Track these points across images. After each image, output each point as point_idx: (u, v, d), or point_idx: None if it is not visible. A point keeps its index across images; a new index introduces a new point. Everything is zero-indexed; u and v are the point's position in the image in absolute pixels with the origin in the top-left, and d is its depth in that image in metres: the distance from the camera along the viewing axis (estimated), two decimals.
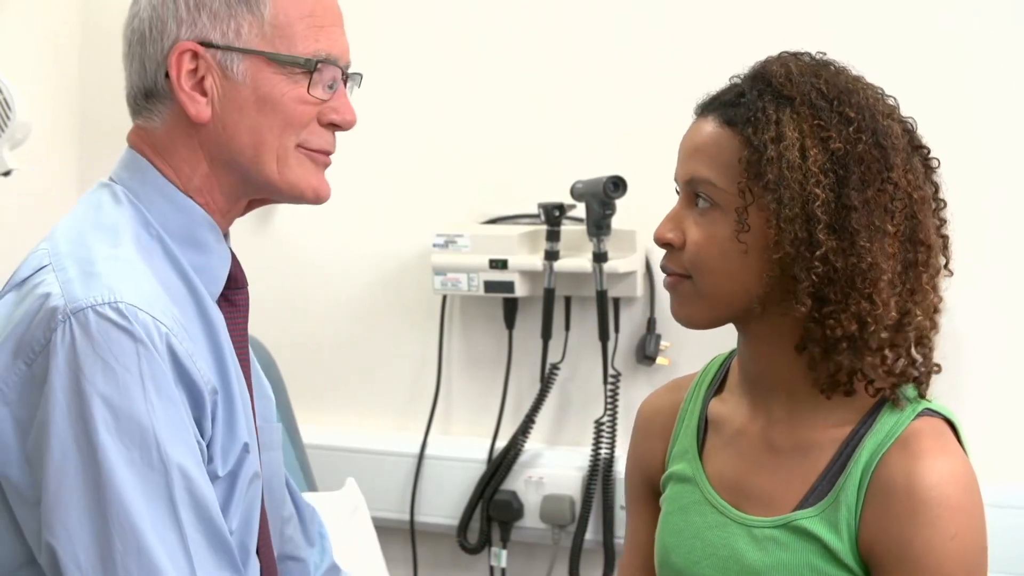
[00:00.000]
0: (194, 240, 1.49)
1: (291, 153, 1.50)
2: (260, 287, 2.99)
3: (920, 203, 1.49)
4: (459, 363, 2.88)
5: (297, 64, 1.48)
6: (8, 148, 2.55)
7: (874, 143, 1.46)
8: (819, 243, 1.43)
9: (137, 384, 1.33)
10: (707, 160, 1.50)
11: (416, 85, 2.87)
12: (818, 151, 1.45)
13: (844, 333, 1.44)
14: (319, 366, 2.98)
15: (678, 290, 1.54)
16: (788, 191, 1.44)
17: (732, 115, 1.49)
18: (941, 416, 1.50)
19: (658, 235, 1.54)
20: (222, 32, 1.46)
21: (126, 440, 1.32)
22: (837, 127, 1.46)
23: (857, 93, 1.49)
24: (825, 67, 1.52)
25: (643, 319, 2.72)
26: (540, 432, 2.78)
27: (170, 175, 1.50)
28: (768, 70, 1.50)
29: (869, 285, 1.44)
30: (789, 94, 1.47)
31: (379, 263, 2.92)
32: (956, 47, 2.46)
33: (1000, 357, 2.44)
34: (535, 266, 2.69)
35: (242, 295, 1.57)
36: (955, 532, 1.42)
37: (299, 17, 1.49)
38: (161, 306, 1.38)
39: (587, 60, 2.72)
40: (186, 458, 1.35)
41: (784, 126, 1.45)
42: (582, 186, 2.58)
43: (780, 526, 1.49)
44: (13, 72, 2.58)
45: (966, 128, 2.42)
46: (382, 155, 2.91)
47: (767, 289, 1.48)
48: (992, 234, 2.43)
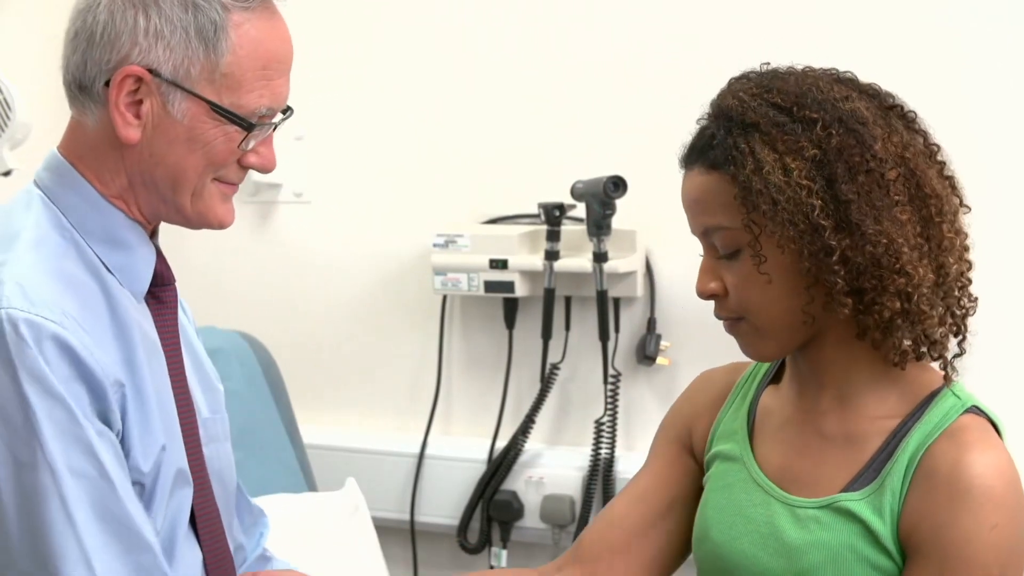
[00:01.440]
0: (114, 240, 1.50)
1: (206, 186, 1.51)
2: (260, 287, 3.02)
3: (914, 159, 1.50)
4: (459, 363, 2.88)
5: (238, 121, 1.48)
6: (8, 148, 2.55)
7: (845, 131, 1.48)
8: (832, 247, 1.45)
9: (13, 388, 1.36)
10: (709, 209, 1.53)
11: (416, 85, 2.87)
12: (798, 163, 1.46)
13: (892, 312, 1.47)
14: (319, 366, 2.99)
15: (739, 331, 1.56)
16: (786, 212, 1.46)
17: (712, 158, 1.52)
18: (986, 416, 1.53)
19: (701, 290, 1.56)
20: (173, 67, 1.45)
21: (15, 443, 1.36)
22: (805, 134, 1.48)
23: (810, 91, 1.50)
24: (773, 78, 1.53)
25: (643, 319, 2.72)
26: (540, 432, 2.78)
27: (92, 179, 1.51)
28: (725, 105, 1.53)
29: (895, 261, 1.46)
30: (751, 120, 1.49)
31: (379, 263, 2.92)
32: (953, 44, 2.46)
33: (1001, 357, 2.45)
34: (535, 266, 2.69)
35: (169, 292, 1.58)
36: (996, 523, 1.44)
37: (251, 70, 1.48)
38: (50, 304, 1.39)
39: (587, 60, 2.72)
40: (74, 455, 1.38)
41: (758, 154, 1.47)
42: (582, 186, 2.58)
43: (824, 507, 1.52)
44: (13, 72, 2.58)
45: (965, 124, 2.42)
46: (382, 155, 2.91)
47: (813, 303, 1.50)
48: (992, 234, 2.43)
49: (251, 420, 2.60)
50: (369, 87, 2.92)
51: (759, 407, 1.64)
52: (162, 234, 1.60)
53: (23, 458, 1.36)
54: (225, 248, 3.00)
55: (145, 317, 1.53)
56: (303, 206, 3.00)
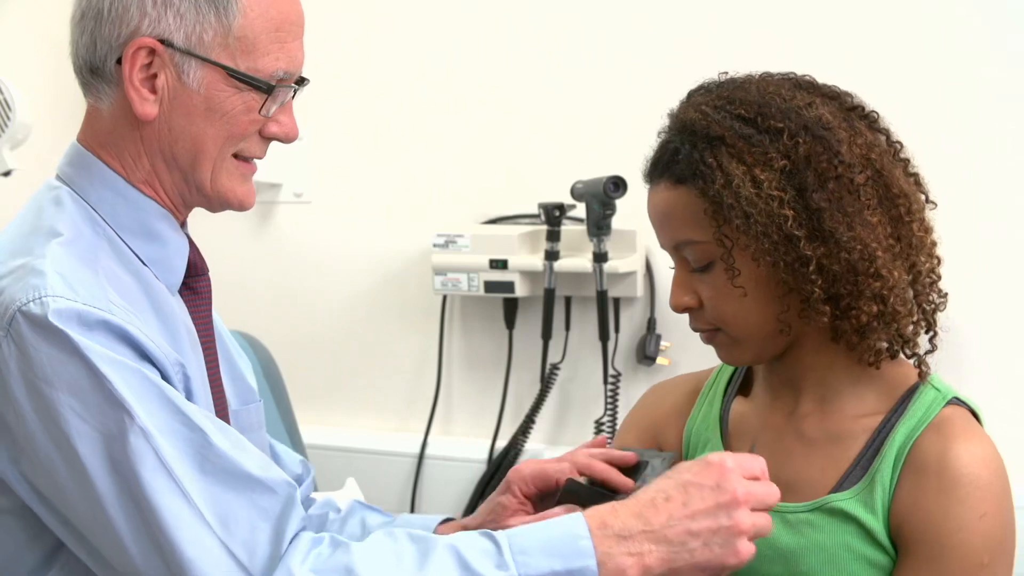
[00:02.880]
0: (148, 232, 1.48)
1: (227, 162, 1.48)
2: (261, 286, 3.02)
3: (879, 159, 1.50)
4: (459, 363, 2.88)
5: (256, 84, 1.45)
6: (8, 148, 2.55)
7: (811, 138, 1.47)
8: (808, 257, 1.45)
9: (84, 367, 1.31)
10: (679, 223, 1.52)
11: (416, 85, 2.87)
12: (767, 174, 1.46)
13: (869, 316, 1.47)
14: (320, 366, 2.99)
15: (716, 341, 1.56)
16: (759, 224, 1.45)
17: (678, 173, 1.51)
18: (967, 407, 1.54)
19: (675, 304, 1.55)
20: (185, 35, 1.42)
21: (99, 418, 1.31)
22: (772, 144, 1.47)
23: (773, 100, 1.50)
24: (734, 89, 1.53)
25: (643, 319, 2.72)
26: (540, 432, 2.78)
27: (116, 167, 1.48)
28: (687, 119, 1.52)
29: (870, 265, 1.46)
30: (716, 134, 1.48)
31: (379, 263, 2.93)
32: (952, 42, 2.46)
33: (1000, 356, 2.45)
34: (535, 266, 2.69)
35: (203, 282, 1.57)
36: (985, 511, 1.45)
37: (264, 32, 1.45)
38: (96, 294, 1.36)
39: (587, 60, 2.72)
40: (160, 416, 1.33)
41: (727, 167, 1.47)
42: (582, 186, 2.58)
43: (814, 509, 1.52)
44: (14, 73, 2.58)
45: (964, 123, 2.42)
46: (382, 155, 2.91)
47: (789, 312, 1.50)
48: (992, 233, 2.43)
49: None
50: (369, 87, 2.92)
51: (731, 416, 1.64)
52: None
53: (110, 429, 1.31)
54: (225, 248, 3.00)
55: (181, 309, 1.51)
56: (303, 206, 3.00)
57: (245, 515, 1.33)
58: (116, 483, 1.31)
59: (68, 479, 1.32)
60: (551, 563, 1.28)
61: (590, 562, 1.28)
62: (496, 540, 1.30)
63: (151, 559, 1.31)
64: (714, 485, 1.33)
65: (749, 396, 1.65)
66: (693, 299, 1.54)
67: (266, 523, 1.33)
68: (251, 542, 1.32)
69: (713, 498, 1.33)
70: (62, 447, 1.32)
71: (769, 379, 1.61)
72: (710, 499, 1.32)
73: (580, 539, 1.29)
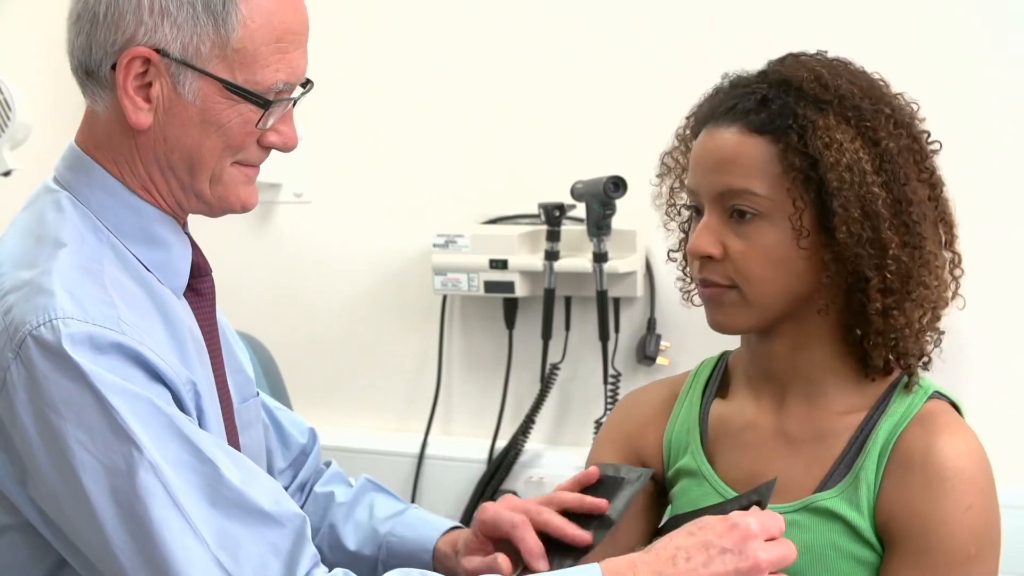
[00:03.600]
0: (150, 237, 1.45)
1: (226, 171, 1.45)
2: (261, 286, 3.02)
3: (940, 184, 1.52)
4: (459, 363, 2.88)
5: (253, 99, 1.41)
6: (8, 148, 2.55)
7: (910, 135, 1.49)
8: (887, 241, 1.45)
9: (91, 395, 1.30)
10: (741, 170, 1.48)
11: (416, 85, 2.87)
12: (868, 151, 1.46)
13: (906, 321, 1.47)
14: (319, 366, 2.99)
15: (723, 300, 1.51)
16: (851, 193, 1.44)
17: (760, 123, 1.48)
18: (948, 400, 1.54)
19: (696, 248, 1.50)
20: (182, 45, 1.38)
21: (104, 452, 1.30)
22: (883, 126, 1.47)
23: (880, 88, 1.51)
24: (843, 67, 1.52)
25: (643, 319, 2.72)
26: (540, 432, 2.78)
27: (113, 171, 1.45)
28: (795, 75, 1.49)
29: (927, 273, 1.47)
30: (826, 98, 1.47)
31: (379, 263, 2.92)
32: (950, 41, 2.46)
33: (1002, 357, 2.45)
34: (535, 266, 2.69)
35: (207, 283, 1.54)
36: (970, 504, 1.45)
37: (265, 43, 1.41)
38: (106, 313, 1.34)
39: (587, 61, 2.72)
40: (171, 448, 1.31)
41: (832, 131, 1.45)
42: (582, 186, 2.58)
43: (800, 509, 1.51)
44: (14, 73, 2.58)
45: (963, 123, 2.42)
46: (382, 155, 2.91)
47: (817, 290, 1.49)
48: (992, 232, 2.43)
49: None
50: (370, 88, 2.92)
51: (711, 419, 1.62)
52: None
53: (117, 464, 1.29)
54: (225, 248, 2.99)
55: (187, 313, 1.49)
56: (303, 206, 3.00)
57: (256, 550, 1.32)
58: (122, 517, 1.30)
59: (73, 509, 1.32)
60: None
61: None
62: None
63: None
64: (737, 550, 1.34)
65: (727, 398, 1.64)
66: (719, 249, 1.49)
67: (277, 559, 1.33)
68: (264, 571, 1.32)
69: (734, 563, 1.34)
70: (68, 478, 1.31)
71: (750, 379, 1.60)
72: (731, 564, 1.33)
73: None
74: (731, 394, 1.64)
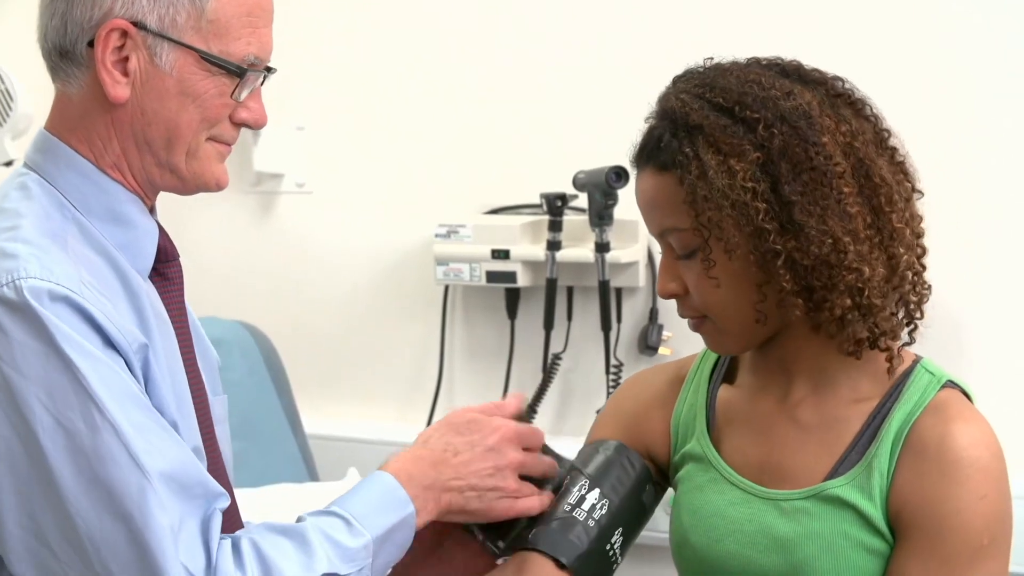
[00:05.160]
0: (116, 217, 1.46)
1: (201, 146, 1.47)
2: (262, 277, 3.02)
3: (863, 148, 1.48)
4: (461, 353, 2.88)
5: (228, 68, 1.44)
6: (10, 138, 2.56)
7: (788, 128, 1.46)
8: (778, 251, 1.45)
9: (55, 354, 1.31)
10: (662, 210, 1.52)
11: (418, 75, 2.87)
12: (741, 165, 1.45)
13: (843, 309, 1.46)
14: (321, 356, 2.99)
15: (704, 329, 1.55)
16: (731, 217, 1.45)
17: (662, 160, 1.50)
18: (961, 389, 1.53)
19: (662, 291, 1.56)
20: (159, 16, 1.41)
21: (64, 413, 1.31)
22: (747, 135, 1.46)
23: (751, 89, 1.48)
24: (715, 76, 1.51)
25: (645, 309, 2.72)
26: (542, 422, 2.78)
27: (84, 151, 1.47)
28: (669, 107, 1.51)
29: (843, 258, 1.45)
30: (694, 123, 1.47)
31: (381, 253, 2.92)
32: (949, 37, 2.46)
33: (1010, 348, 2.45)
34: (537, 256, 2.69)
35: (174, 267, 1.55)
36: (985, 493, 1.45)
37: (236, 16, 1.44)
38: (69, 273, 1.35)
39: (589, 50, 2.72)
40: (132, 410, 1.34)
41: (703, 157, 1.46)
42: (584, 176, 2.58)
43: (810, 496, 1.51)
44: (15, 63, 2.58)
45: (967, 115, 2.42)
46: (384, 145, 2.91)
47: (765, 303, 1.49)
48: (993, 222, 2.43)
49: (253, 410, 2.61)
50: (371, 77, 2.91)
51: (718, 404, 1.62)
52: (162, 223, 1.59)
53: (77, 425, 1.31)
54: (227, 238, 3.00)
55: (152, 295, 1.50)
56: (305, 196, 3.00)
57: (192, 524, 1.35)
58: (79, 478, 1.31)
59: (27, 471, 1.32)
60: (387, 519, 1.45)
61: (411, 508, 1.47)
62: (341, 515, 1.44)
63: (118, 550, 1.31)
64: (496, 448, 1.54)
65: (735, 383, 1.64)
66: (679, 286, 1.53)
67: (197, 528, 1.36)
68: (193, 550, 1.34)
69: (492, 460, 1.54)
70: (25, 438, 1.31)
71: (759, 365, 1.60)
72: (490, 460, 1.54)
73: (397, 491, 1.48)
74: (738, 379, 1.63)
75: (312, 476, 2.72)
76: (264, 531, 1.40)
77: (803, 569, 1.49)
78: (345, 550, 1.40)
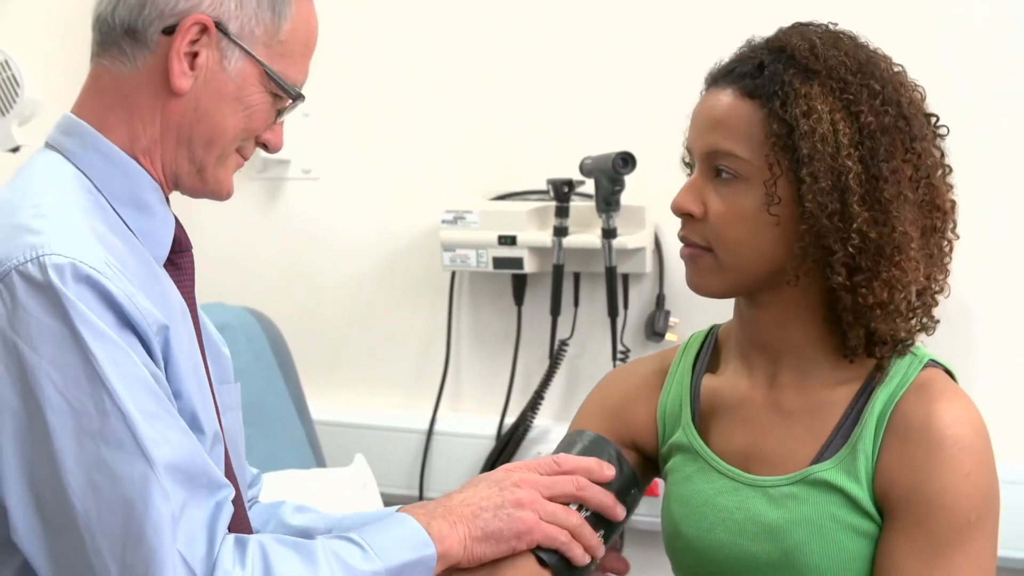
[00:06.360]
0: (138, 203, 1.48)
1: (231, 154, 1.52)
2: (268, 263, 3.02)
3: (934, 169, 1.51)
4: (468, 339, 2.88)
5: (286, 90, 1.49)
6: (17, 124, 2.56)
7: (898, 114, 1.48)
8: (854, 215, 1.45)
9: (69, 332, 1.32)
10: (728, 132, 1.50)
11: (425, 61, 2.87)
12: (848, 124, 1.46)
13: (876, 301, 1.47)
14: (328, 342, 2.99)
15: (698, 262, 1.54)
16: (821, 164, 1.45)
17: (753, 87, 1.49)
18: (944, 368, 1.54)
19: (678, 205, 1.53)
20: (241, 24, 1.46)
21: (74, 394, 1.31)
22: (867, 100, 1.47)
23: (877, 65, 1.50)
24: (843, 39, 1.52)
25: (652, 295, 2.72)
26: (549, 408, 2.78)
27: (119, 131, 1.48)
28: (790, 43, 1.50)
29: (898, 253, 1.46)
30: (815, 67, 1.48)
31: (388, 239, 2.93)
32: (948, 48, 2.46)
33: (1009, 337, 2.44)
34: (544, 242, 2.69)
35: (187, 258, 1.56)
36: (969, 470, 1.46)
37: (300, 43, 1.51)
38: (92, 251, 1.36)
39: (596, 35, 2.72)
40: (142, 397, 1.33)
41: (814, 100, 1.46)
42: (591, 162, 2.57)
43: (797, 482, 1.51)
44: (22, 49, 2.58)
45: (974, 109, 2.41)
46: (391, 131, 2.91)
47: (789, 260, 1.49)
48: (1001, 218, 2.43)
49: (260, 396, 2.61)
50: (377, 63, 2.91)
51: (703, 393, 1.63)
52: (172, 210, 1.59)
53: (87, 408, 1.31)
54: (233, 224, 3.00)
55: (169, 282, 1.51)
56: (311, 183, 3.00)
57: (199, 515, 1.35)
58: (81, 459, 1.31)
59: (31, 449, 1.32)
60: (405, 554, 1.42)
61: (431, 551, 1.44)
62: (357, 542, 1.42)
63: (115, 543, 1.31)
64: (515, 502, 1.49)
65: (718, 372, 1.64)
66: (698, 207, 1.52)
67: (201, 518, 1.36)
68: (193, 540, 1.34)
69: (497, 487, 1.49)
70: (32, 415, 1.32)
71: (742, 350, 1.60)
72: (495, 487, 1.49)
73: (420, 532, 1.44)
74: (722, 368, 1.64)
75: (319, 462, 2.72)
76: (273, 540, 1.39)
77: (794, 555, 1.50)
78: (354, 571, 1.38)
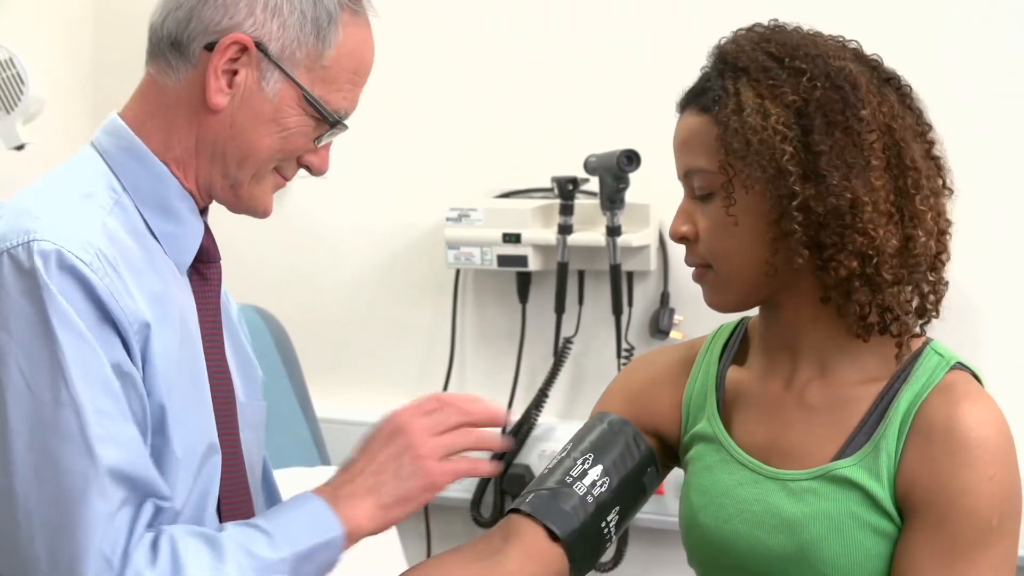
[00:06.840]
0: (165, 207, 1.49)
1: (268, 173, 1.53)
2: (273, 261, 3.02)
3: (901, 131, 1.51)
4: (472, 337, 2.88)
5: (325, 115, 1.50)
6: (22, 122, 2.56)
7: (831, 86, 1.49)
8: (795, 194, 1.46)
9: (39, 321, 1.34)
10: (693, 150, 1.54)
11: (430, 59, 2.86)
12: (778, 109, 1.48)
13: (849, 271, 1.47)
14: (332, 340, 2.99)
15: (705, 280, 1.57)
16: (757, 154, 1.47)
17: (704, 102, 1.54)
18: (970, 371, 1.54)
19: (673, 231, 1.58)
20: (282, 45, 1.47)
21: (35, 379, 1.33)
22: (790, 81, 1.49)
23: (807, 46, 1.52)
24: (778, 32, 1.55)
25: (656, 293, 2.72)
26: (553, 406, 2.78)
27: (156, 139, 1.49)
28: (723, 49, 1.55)
29: (858, 220, 1.46)
30: (743, 65, 1.51)
31: (392, 237, 2.92)
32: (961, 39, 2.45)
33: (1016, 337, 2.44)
34: (548, 240, 2.69)
35: (214, 269, 1.58)
36: (993, 473, 1.45)
37: (346, 70, 1.52)
38: (84, 242, 1.38)
39: (600, 33, 2.72)
40: (100, 396, 1.35)
41: (742, 95, 1.49)
42: (596, 160, 2.57)
43: (818, 477, 1.51)
44: (27, 47, 2.58)
45: (974, 109, 2.41)
46: (395, 129, 2.90)
47: (776, 255, 1.50)
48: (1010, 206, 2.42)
49: (264, 394, 2.60)
50: (382, 61, 2.90)
51: (728, 385, 1.63)
52: None
53: (43, 395, 1.33)
54: (237, 222, 2.98)
55: (185, 290, 1.52)
56: (316, 180, 2.98)
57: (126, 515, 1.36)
58: (30, 443, 1.33)
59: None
60: (311, 539, 1.42)
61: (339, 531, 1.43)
62: (263, 529, 1.42)
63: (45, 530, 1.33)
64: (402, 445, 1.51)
65: (744, 365, 1.64)
66: (691, 229, 1.56)
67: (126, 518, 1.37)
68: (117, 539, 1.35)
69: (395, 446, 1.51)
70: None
71: (766, 346, 1.61)
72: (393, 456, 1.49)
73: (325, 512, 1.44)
74: (748, 360, 1.64)
75: (323, 460, 2.72)
76: (184, 532, 1.39)
77: (810, 549, 1.50)
78: (260, 560, 1.39)
